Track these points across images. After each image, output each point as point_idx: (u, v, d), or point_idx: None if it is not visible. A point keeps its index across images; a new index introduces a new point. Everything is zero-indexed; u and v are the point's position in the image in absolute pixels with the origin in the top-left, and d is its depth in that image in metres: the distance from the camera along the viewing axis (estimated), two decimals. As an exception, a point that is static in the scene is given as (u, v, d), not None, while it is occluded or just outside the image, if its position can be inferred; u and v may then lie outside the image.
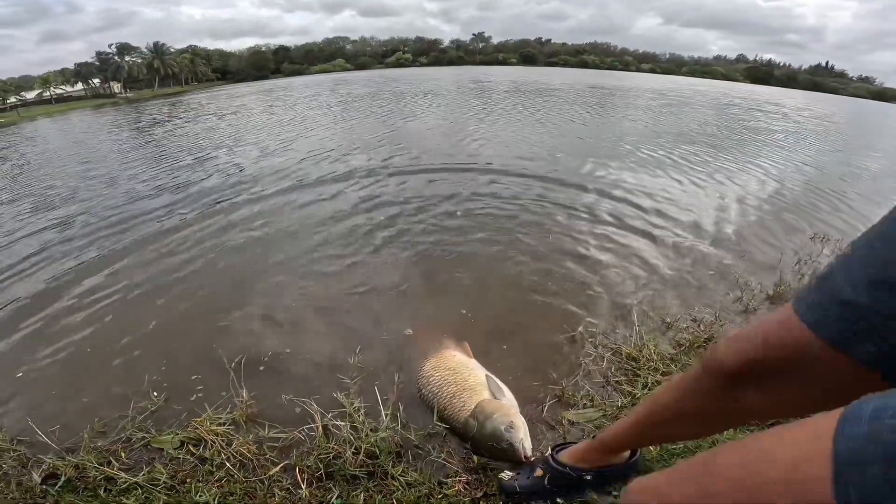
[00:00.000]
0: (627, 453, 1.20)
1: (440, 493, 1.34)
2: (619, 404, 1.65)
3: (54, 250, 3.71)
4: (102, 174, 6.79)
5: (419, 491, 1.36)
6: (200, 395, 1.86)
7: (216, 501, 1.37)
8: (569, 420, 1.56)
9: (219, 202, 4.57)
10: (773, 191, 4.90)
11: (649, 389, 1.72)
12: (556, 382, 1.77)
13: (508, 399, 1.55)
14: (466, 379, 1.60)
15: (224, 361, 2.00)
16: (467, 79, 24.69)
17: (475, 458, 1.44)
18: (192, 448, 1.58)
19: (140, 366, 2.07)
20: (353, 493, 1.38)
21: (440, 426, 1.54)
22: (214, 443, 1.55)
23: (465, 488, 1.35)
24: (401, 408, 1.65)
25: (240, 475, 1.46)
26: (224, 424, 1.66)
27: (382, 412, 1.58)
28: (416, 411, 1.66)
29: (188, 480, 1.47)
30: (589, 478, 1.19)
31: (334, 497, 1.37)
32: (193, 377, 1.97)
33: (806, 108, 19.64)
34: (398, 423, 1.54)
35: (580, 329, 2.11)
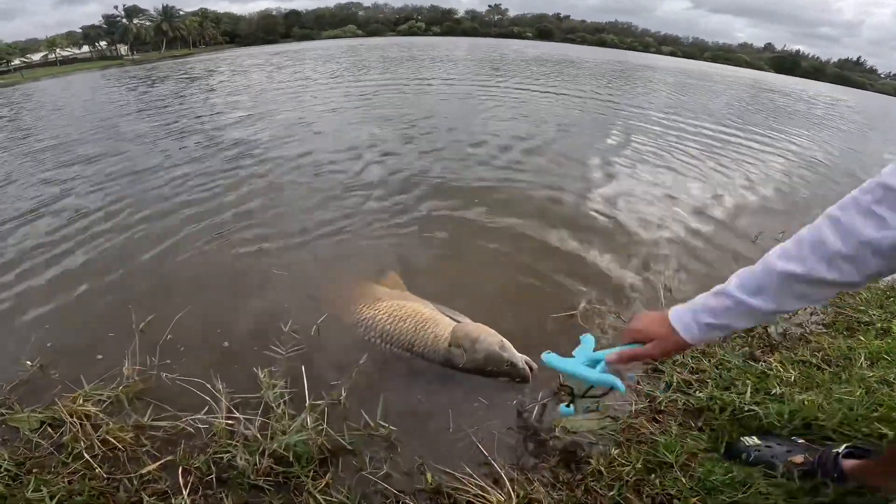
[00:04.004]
0: None
1: (370, 524, 0.93)
2: (635, 408, 1.22)
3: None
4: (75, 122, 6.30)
5: (342, 518, 0.94)
6: (92, 363, 1.44)
7: (54, 502, 0.97)
8: (563, 428, 1.13)
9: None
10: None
11: (673, 391, 1.29)
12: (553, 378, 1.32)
13: (470, 322, 1.40)
14: (418, 310, 1.41)
15: (132, 322, 1.58)
16: (495, 50, 23.01)
17: (428, 476, 1.01)
18: (51, 430, 1.17)
19: (30, 323, 1.65)
20: (250, 511, 0.97)
21: (383, 426, 1.11)
22: (75, 426, 1.14)
23: (407, 520, 0.94)
24: (342, 394, 1.23)
25: (101, 469, 1.05)
26: (103, 403, 1.24)
27: (307, 402, 1.15)
28: (366, 402, 1.22)
29: (35, 471, 1.07)
30: None
31: (222, 513, 0.96)
32: (87, 339, 1.55)
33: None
34: (324, 421, 1.10)
35: (583, 305, 1.65)
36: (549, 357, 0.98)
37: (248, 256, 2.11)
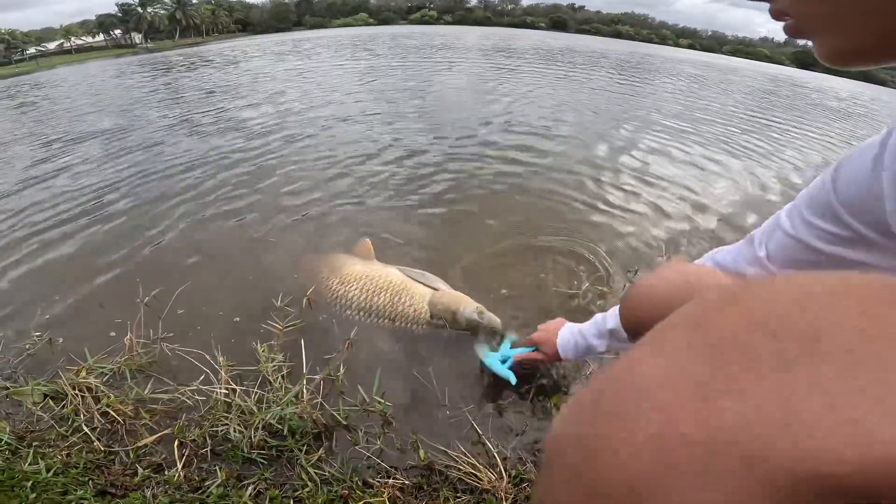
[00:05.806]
0: None
1: (361, 498, 0.93)
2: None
3: None
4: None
5: (334, 492, 0.95)
6: (97, 335, 1.46)
7: (50, 474, 0.99)
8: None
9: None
10: None
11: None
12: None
13: (442, 285, 1.47)
14: (390, 280, 1.45)
15: (140, 293, 1.60)
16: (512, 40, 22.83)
17: (421, 453, 1.01)
18: (53, 403, 1.19)
19: (34, 294, 1.68)
20: (242, 483, 0.98)
21: (379, 402, 1.11)
22: (76, 399, 1.16)
23: (399, 494, 0.94)
24: (340, 369, 1.23)
25: (99, 442, 1.07)
26: (105, 375, 1.26)
27: (304, 375, 1.16)
28: (363, 377, 1.23)
29: (35, 444, 1.09)
30: None
31: (214, 485, 0.97)
32: (94, 312, 1.57)
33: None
34: (319, 395, 1.11)
35: (586, 286, 1.63)
36: (482, 349, 1.26)
37: (253, 232, 2.11)
